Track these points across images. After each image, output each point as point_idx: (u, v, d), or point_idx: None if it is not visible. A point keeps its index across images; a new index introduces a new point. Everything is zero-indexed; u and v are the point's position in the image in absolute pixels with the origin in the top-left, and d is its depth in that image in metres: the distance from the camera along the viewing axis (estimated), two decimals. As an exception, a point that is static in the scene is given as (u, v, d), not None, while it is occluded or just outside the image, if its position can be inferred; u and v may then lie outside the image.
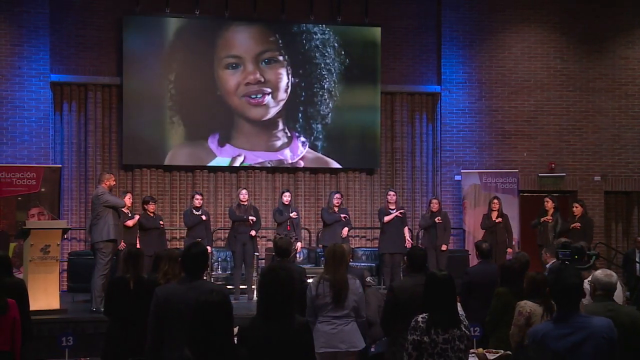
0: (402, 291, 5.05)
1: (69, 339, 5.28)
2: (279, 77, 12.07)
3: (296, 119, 12.11)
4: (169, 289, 4.30)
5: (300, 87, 12.12)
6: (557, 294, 3.81)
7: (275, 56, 12.06)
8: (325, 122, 12.19)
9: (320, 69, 12.18)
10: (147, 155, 11.69)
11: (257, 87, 11.96)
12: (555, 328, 3.74)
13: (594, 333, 3.66)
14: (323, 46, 12.19)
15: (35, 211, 10.53)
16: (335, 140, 12.22)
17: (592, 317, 3.80)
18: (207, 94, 11.84)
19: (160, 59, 11.74)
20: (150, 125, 11.66)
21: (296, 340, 3.60)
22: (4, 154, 11.15)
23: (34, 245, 8.30)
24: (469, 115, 12.68)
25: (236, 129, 11.95)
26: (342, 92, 12.25)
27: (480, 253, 7.16)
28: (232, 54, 11.94)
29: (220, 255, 11.10)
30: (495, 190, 11.85)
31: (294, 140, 12.10)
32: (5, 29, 11.24)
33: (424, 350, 3.98)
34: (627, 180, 13.05)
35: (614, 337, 3.71)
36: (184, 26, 11.88)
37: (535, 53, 12.89)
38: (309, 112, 12.15)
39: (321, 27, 12.20)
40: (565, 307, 3.76)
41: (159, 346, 4.10)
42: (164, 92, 11.71)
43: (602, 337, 3.66)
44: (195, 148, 11.83)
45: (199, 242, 4.87)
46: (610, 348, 3.70)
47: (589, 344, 3.65)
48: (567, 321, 3.73)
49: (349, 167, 12.39)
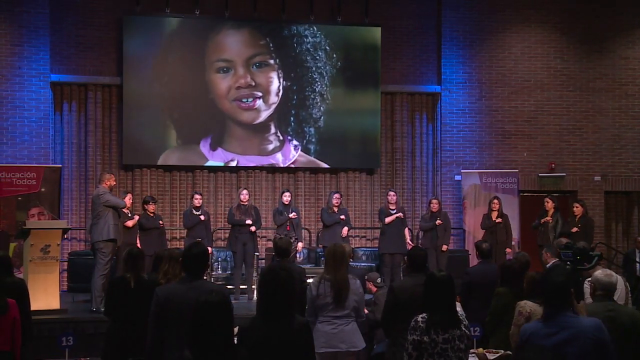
0: (403, 291, 5.06)
1: (69, 339, 5.28)
2: (269, 80, 12.03)
3: (288, 122, 12.08)
4: (170, 289, 4.31)
5: (292, 90, 12.09)
6: (545, 293, 3.83)
7: (266, 59, 12.01)
8: (318, 125, 12.14)
9: (312, 72, 12.12)
10: (147, 155, 11.69)
11: (248, 91, 11.92)
12: (543, 327, 3.76)
13: (580, 333, 3.64)
14: (314, 49, 12.13)
15: (36, 211, 10.53)
16: (328, 142, 12.19)
17: (580, 317, 3.78)
18: (199, 98, 11.83)
19: (160, 59, 11.73)
20: (150, 125, 11.67)
21: (296, 340, 3.60)
22: (4, 154, 11.15)
23: (34, 245, 8.29)
24: (469, 115, 12.68)
25: (228, 133, 11.91)
26: (341, 93, 12.24)
27: (480, 253, 7.17)
28: (222, 58, 11.91)
29: (220, 255, 11.10)
30: (495, 190, 11.85)
31: (286, 143, 12.07)
32: (5, 29, 11.24)
33: (424, 350, 3.98)
34: (627, 180, 13.05)
35: (603, 338, 3.67)
36: (181, 27, 11.87)
37: (536, 53, 12.89)
38: (301, 116, 12.11)
39: (312, 29, 12.15)
40: (553, 306, 3.76)
41: (159, 346, 4.11)
42: (162, 92, 11.71)
43: (588, 337, 3.63)
44: (187, 152, 11.81)
45: (200, 242, 4.87)
46: (598, 349, 3.65)
47: (573, 343, 3.63)
48: (554, 320, 3.73)
49: (348, 168, 12.39)
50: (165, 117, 11.75)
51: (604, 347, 3.68)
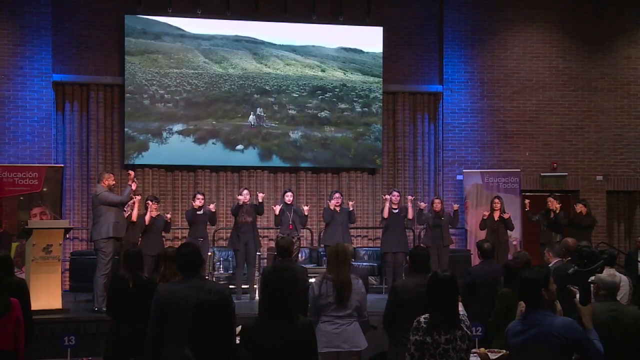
0: (405, 291, 5.05)
1: (71, 338, 5.28)
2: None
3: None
4: (171, 288, 4.37)
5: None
6: (517, 290, 3.82)
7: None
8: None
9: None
10: (149, 155, 11.68)
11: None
12: (517, 324, 3.82)
13: (545, 331, 3.63)
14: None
15: (38, 211, 10.53)
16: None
17: (552, 316, 3.73)
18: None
19: (161, 59, 11.73)
20: (151, 125, 11.66)
21: (299, 340, 3.60)
22: (6, 153, 11.16)
23: (36, 245, 8.29)
24: (471, 114, 12.67)
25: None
26: (341, 93, 12.25)
27: (482, 253, 7.16)
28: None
29: (222, 255, 11.09)
30: (497, 190, 11.84)
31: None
32: (7, 28, 11.25)
33: (426, 350, 3.97)
34: (629, 180, 13.04)
35: (572, 337, 3.62)
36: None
37: (538, 53, 12.88)
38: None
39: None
40: (527, 304, 3.79)
41: (159, 343, 4.13)
42: (164, 92, 11.71)
43: (554, 335, 3.61)
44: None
45: (188, 243, 4.95)
46: (568, 348, 3.62)
47: (538, 341, 3.62)
48: (527, 318, 3.76)
49: (350, 167, 12.39)
50: (166, 117, 11.75)
51: (577, 346, 3.64)
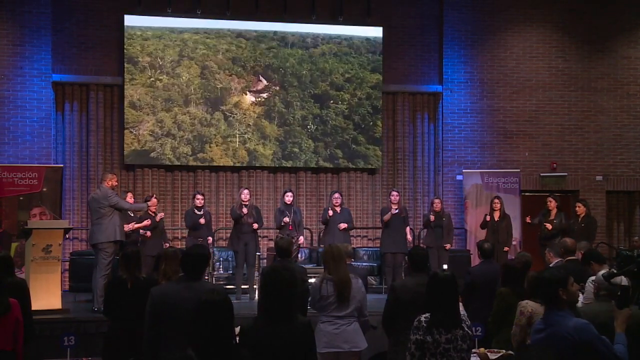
0: (405, 291, 5.05)
1: (70, 338, 5.27)
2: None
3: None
4: (165, 289, 4.36)
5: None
6: (537, 291, 3.83)
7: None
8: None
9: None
10: (149, 155, 11.69)
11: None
12: (539, 323, 3.83)
13: (558, 332, 3.64)
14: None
15: (37, 211, 10.53)
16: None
17: (567, 317, 3.71)
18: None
19: (161, 59, 11.72)
20: (151, 125, 11.66)
21: (299, 340, 3.60)
22: (6, 153, 11.15)
23: (35, 245, 8.28)
24: (471, 115, 12.66)
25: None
26: (341, 93, 12.25)
27: (482, 253, 7.16)
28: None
29: (222, 255, 11.08)
30: (497, 190, 11.83)
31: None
32: (7, 29, 11.25)
33: (426, 349, 3.98)
34: (629, 180, 13.04)
35: (585, 339, 3.61)
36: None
37: (537, 53, 12.87)
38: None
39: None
40: (545, 304, 3.81)
41: (156, 345, 4.12)
42: (163, 92, 11.71)
43: (564, 337, 3.61)
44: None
45: (202, 245, 4.90)
46: (581, 350, 3.61)
47: (550, 342, 3.63)
48: (545, 317, 3.78)
49: (350, 167, 12.39)
50: (166, 117, 11.74)
51: (589, 348, 3.63)
